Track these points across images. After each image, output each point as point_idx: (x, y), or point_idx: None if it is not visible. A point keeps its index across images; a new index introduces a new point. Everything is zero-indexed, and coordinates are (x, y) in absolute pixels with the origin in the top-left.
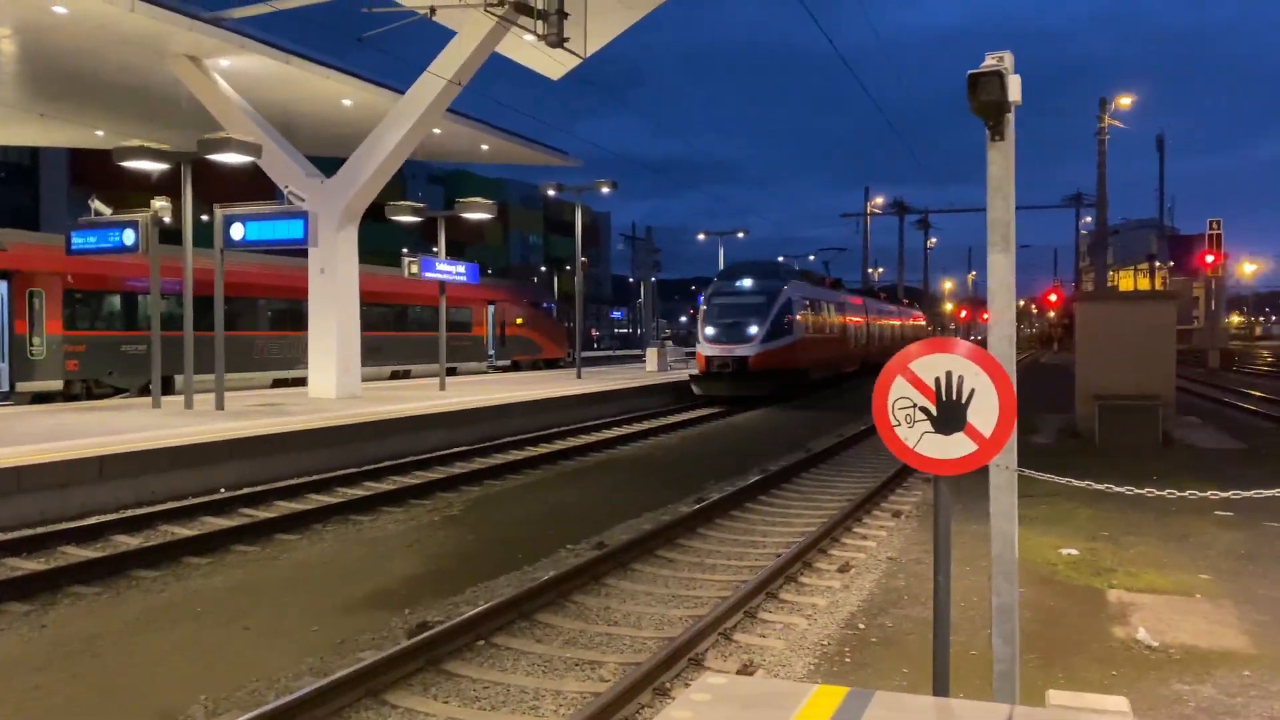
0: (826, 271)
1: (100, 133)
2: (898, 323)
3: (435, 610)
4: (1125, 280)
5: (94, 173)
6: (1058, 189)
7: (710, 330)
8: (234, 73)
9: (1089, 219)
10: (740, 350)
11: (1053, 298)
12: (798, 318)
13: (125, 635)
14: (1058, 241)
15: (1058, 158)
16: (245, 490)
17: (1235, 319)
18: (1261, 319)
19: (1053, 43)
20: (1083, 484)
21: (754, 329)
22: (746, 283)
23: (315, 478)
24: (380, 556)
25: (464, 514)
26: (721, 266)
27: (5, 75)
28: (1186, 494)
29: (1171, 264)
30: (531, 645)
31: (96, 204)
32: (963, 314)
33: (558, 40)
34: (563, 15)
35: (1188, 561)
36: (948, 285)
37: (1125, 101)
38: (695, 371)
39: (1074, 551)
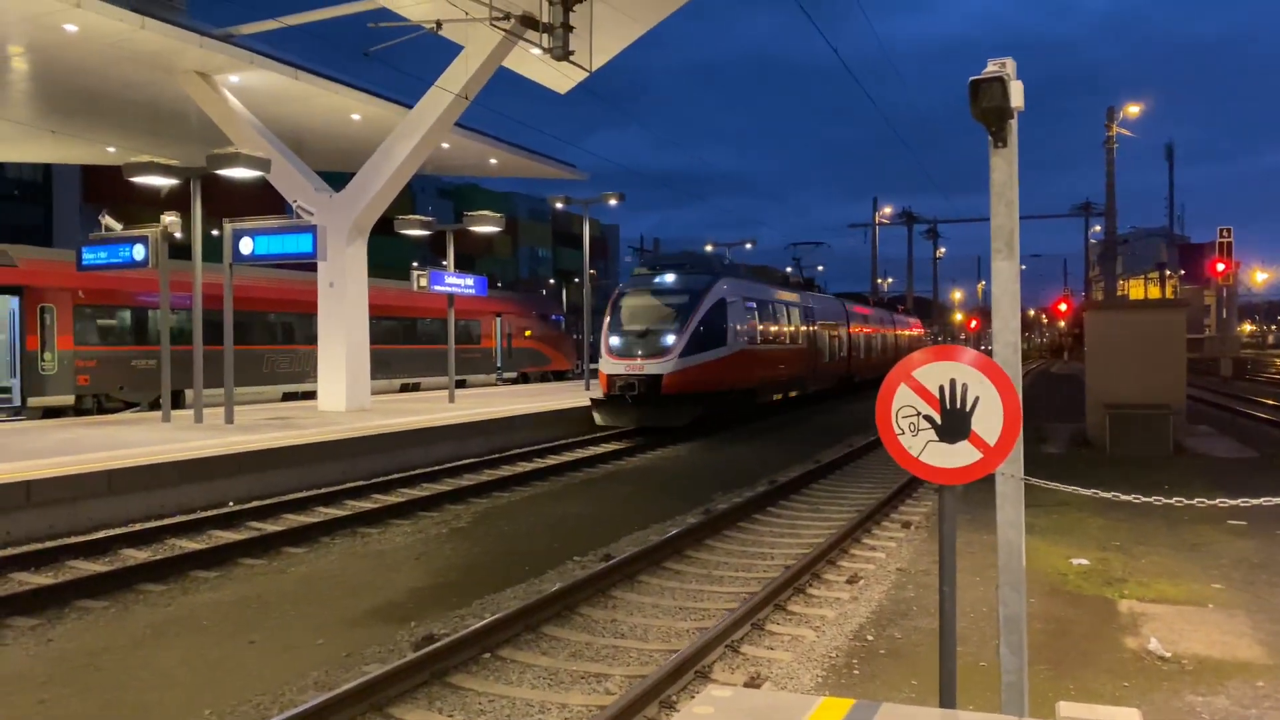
0: (798, 270)
1: (112, 149)
2: (892, 333)
3: (441, 623)
4: (1135, 289)
5: (106, 189)
6: (1067, 198)
7: (615, 340)
8: (243, 88)
9: (1098, 228)
10: (651, 366)
11: (1062, 307)
12: (736, 324)
13: (131, 649)
14: (1067, 251)
15: (1067, 167)
16: (254, 503)
17: (1247, 327)
18: (1274, 327)
19: (1061, 52)
20: (1089, 492)
21: (670, 338)
22: (667, 278)
23: (323, 491)
24: (387, 569)
25: (471, 526)
26: None
27: (18, 93)
28: (1195, 502)
29: (1182, 272)
30: (538, 658)
31: (107, 219)
32: (973, 324)
33: (563, 53)
34: (568, 29)
35: (1200, 571)
36: (957, 295)
37: (1133, 110)
38: (598, 395)
39: (1084, 561)
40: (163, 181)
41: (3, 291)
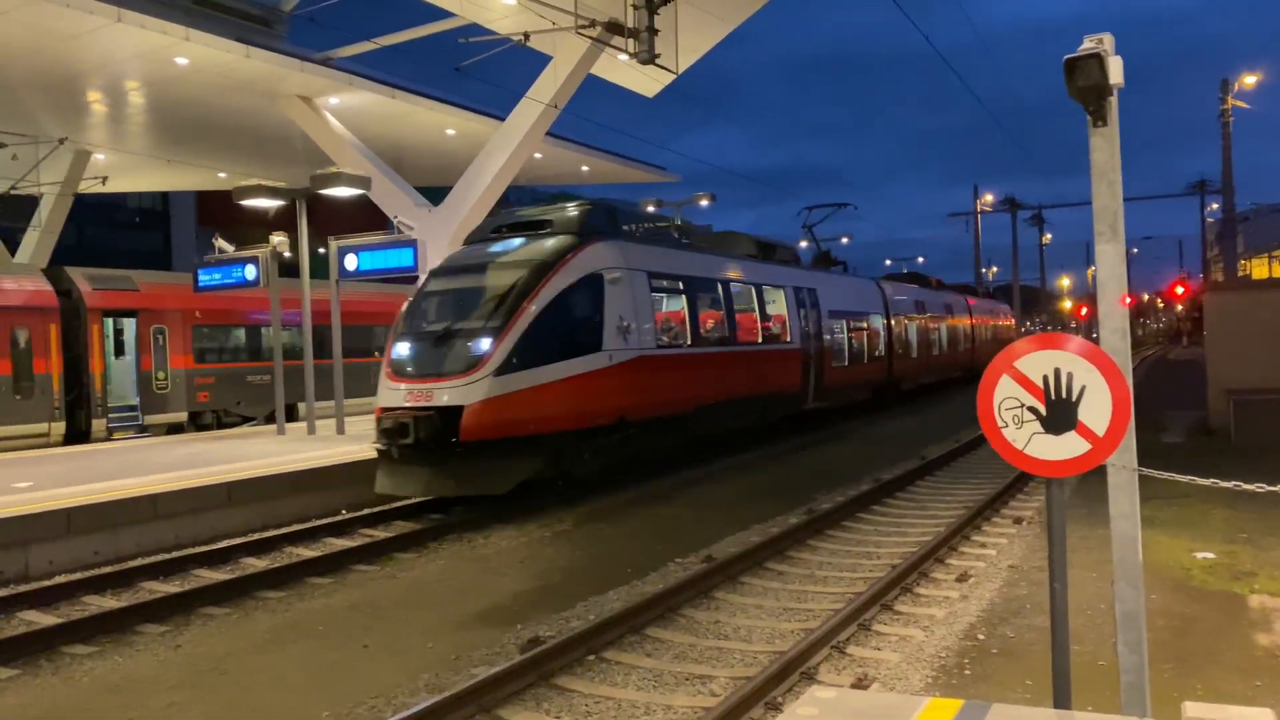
0: (813, 240)
1: (223, 174)
2: (965, 324)
3: (546, 625)
4: (1259, 268)
5: (219, 213)
6: (1182, 177)
7: (399, 350)
8: (343, 109)
9: (1215, 206)
10: (444, 392)
11: (1179, 290)
12: (622, 316)
13: (253, 654)
14: (1183, 232)
15: (1181, 144)
16: (365, 511)
17: None
18: None
19: (1172, 26)
20: (1208, 482)
21: (483, 343)
22: (511, 243)
23: (431, 497)
24: (492, 573)
25: (573, 529)
26: None
27: (135, 126)
28: None
29: None
30: (641, 659)
31: (220, 242)
32: (1083, 311)
33: (649, 57)
34: (653, 32)
35: None
36: (1065, 282)
37: (1249, 81)
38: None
39: (1210, 555)
40: (270, 203)
41: (127, 314)
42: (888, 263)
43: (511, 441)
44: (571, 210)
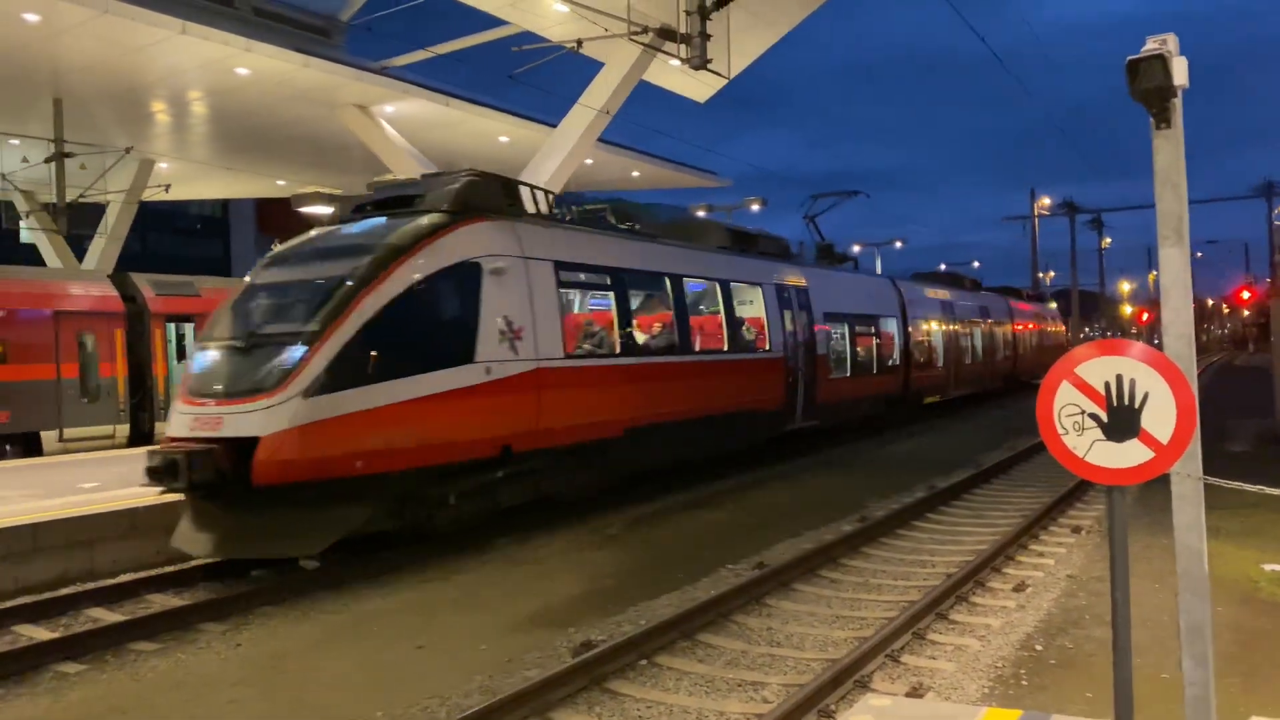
0: (815, 232)
1: (281, 182)
2: (1006, 330)
3: (598, 629)
4: None
5: (277, 220)
6: (1248, 178)
7: (197, 363)
8: (398, 117)
9: None
10: (237, 419)
11: (1245, 295)
12: (508, 316)
13: (310, 653)
14: (1249, 235)
15: (1247, 144)
16: None
17: None
18: None
19: (1241, 22)
20: (1276, 491)
21: (294, 353)
22: (368, 225)
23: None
24: (543, 577)
25: (623, 534)
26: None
27: (197, 135)
28: None
29: None
30: (693, 665)
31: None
32: (1144, 316)
33: (701, 63)
34: (705, 37)
35: None
36: (1125, 287)
37: None
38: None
39: (1279, 567)
40: (328, 210)
41: (188, 319)
42: (942, 266)
43: (333, 484)
44: (449, 182)
